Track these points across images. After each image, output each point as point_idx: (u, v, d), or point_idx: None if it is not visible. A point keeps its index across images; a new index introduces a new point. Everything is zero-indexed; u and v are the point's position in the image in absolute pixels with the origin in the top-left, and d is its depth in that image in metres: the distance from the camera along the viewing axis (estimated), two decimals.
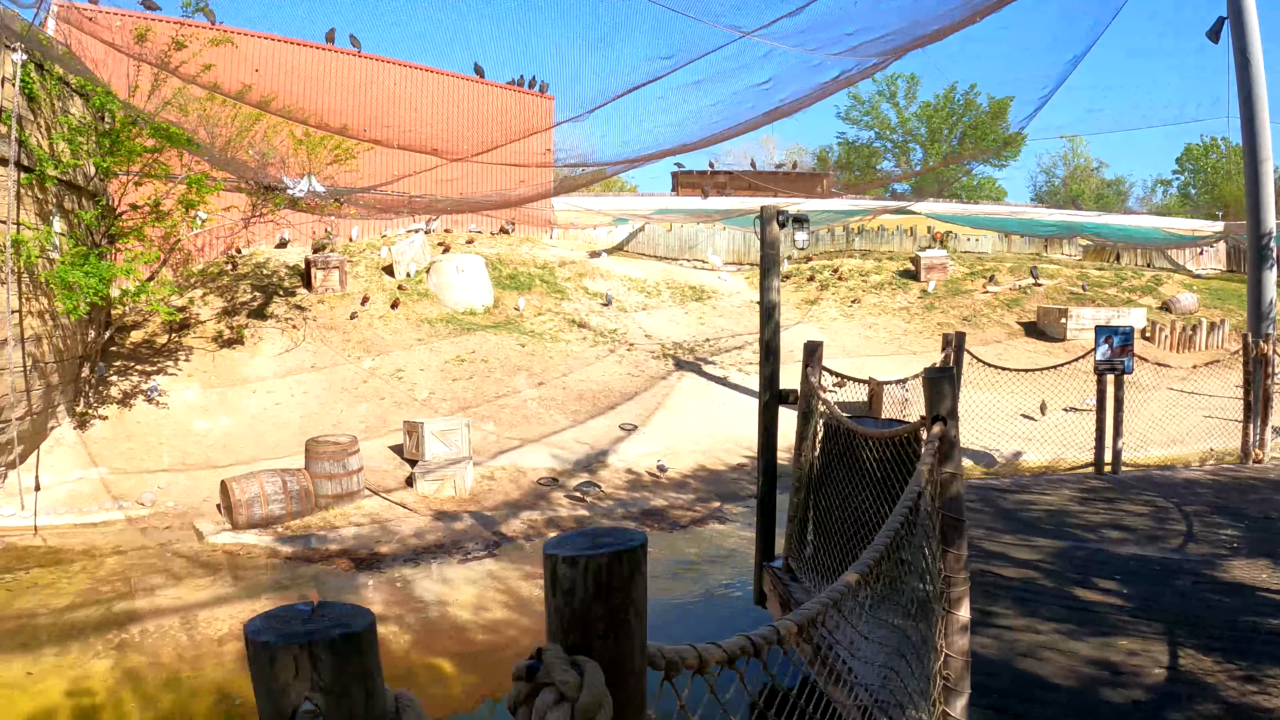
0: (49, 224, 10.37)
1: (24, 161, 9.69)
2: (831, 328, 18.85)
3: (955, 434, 2.79)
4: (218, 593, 8.48)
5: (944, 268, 21.29)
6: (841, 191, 25.25)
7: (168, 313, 11.00)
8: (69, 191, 10.77)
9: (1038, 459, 12.87)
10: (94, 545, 9.55)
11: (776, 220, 6.89)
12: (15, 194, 9.66)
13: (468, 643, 7.59)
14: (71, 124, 10.20)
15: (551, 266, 19.72)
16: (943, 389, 2.98)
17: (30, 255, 9.66)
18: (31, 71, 9.77)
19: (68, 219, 10.65)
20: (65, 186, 10.68)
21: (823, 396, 5.31)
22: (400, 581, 8.84)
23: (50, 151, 10.16)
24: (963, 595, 2.61)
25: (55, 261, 10.21)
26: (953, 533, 2.63)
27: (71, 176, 10.69)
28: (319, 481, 10.46)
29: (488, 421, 13.50)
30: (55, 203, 10.56)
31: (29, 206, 9.94)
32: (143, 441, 11.59)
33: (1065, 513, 7.41)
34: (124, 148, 10.37)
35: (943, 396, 2.95)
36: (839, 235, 23.48)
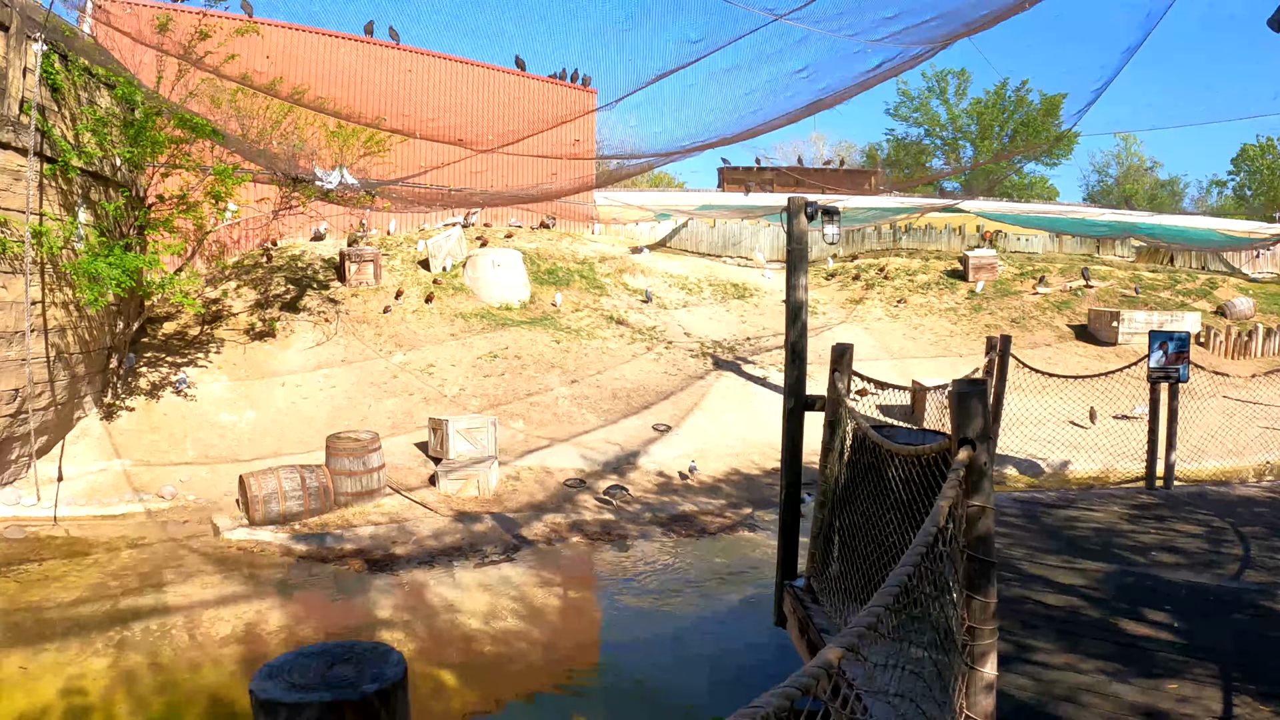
0: (74, 215, 10.28)
1: (47, 152, 9.59)
2: (876, 328, 18.08)
3: (987, 460, 2.28)
4: (226, 591, 8.23)
5: (993, 268, 20.48)
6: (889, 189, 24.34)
7: (192, 304, 10.84)
8: (96, 183, 10.68)
9: (1086, 469, 12.11)
10: (111, 538, 9.41)
11: (805, 212, 6.34)
12: (39, 184, 9.58)
13: (474, 654, 7.18)
14: (96, 115, 10.07)
15: (591, 262, 19.31)
16: (971, 407, 2.54)
17: (53, 246, 9.56)
18: (55, 62, 9.67)
19: (94, 210, 10.54)
20: (91, 178, 10.58)
21: (849, 404, 4.75)
22: (412, 585, 8.49)
23: (75, 142, 10.06)
24: (989, 650, 2.07)
25: (80, 253, 10.12)
26: (980, 578, 2.10)
27: (98, 168, 10.58)
28: (339, 478, 10.19)
29: (517, 419, 13.13)
30: (81, 194, 10.46)
31: (52, 197, 9.85)
32: (167, 434, 11.48)
33: (1114, 531, 6.80)
34: (147, 138, 10.22)
35: (971, 416, 2.51)
36: (885, 233, 22.64)
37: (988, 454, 2.38)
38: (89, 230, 10.52)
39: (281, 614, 7.78)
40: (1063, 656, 4.07)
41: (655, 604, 8.35)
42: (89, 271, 9.79)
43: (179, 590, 8.21)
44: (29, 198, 9.04)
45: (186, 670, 6.89)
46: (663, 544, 9.85)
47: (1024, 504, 7.80)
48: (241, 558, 9.03)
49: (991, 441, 2.61)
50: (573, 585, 8.78)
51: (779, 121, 11.16)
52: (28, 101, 9.26)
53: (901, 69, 10.66)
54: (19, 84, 9.13)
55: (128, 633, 7.38)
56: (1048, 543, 6.34)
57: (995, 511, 7.44)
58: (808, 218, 6.42)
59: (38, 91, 9.25)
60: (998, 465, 12.14)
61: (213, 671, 6.89)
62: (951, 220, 22.89)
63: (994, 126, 39.36)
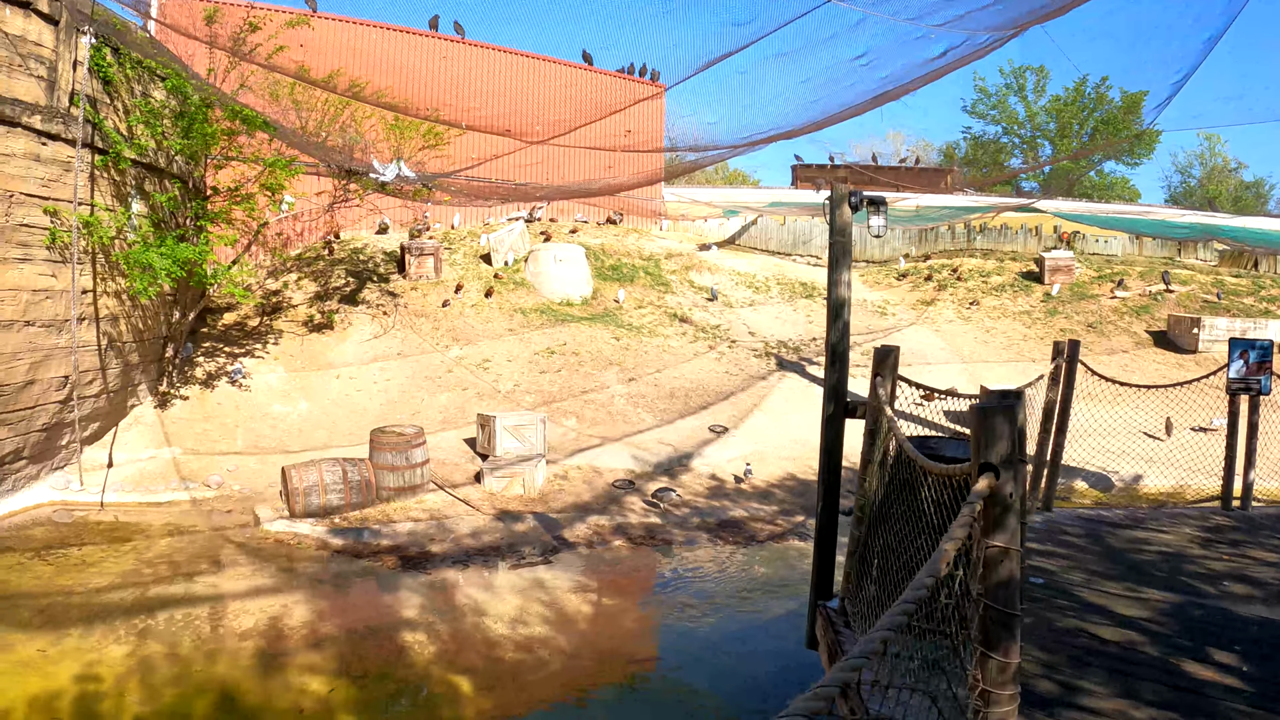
0: (126, 206, 10.33)
1: (98, 144, 9.65)
2: (947, 331, 17.02)
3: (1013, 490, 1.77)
4: (256, 583, 8.02)
5: (1069, 270, 19.26)
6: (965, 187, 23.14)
7: (244, 296, 10.79)
8: (150, 174, 10.74)
9: (1160, 484, 11.09)
10: (152, 525, 9.37)
11: (849, 203, 5.70)
12: (90, 175, 9.64)
13: (495, 660, 6.73)
14: (148, 107, 10.10)
15: (657, 259, 18.80)
16: (996, 426, 2.18)
17: (104, 236, 9.60)
18: (107, 55, 9.73)
19: (148, 201, 10.59)
20: (146, 169, 10.65)
21: (888, 412, 4.15)
22: (443, 585, 8.12)
23: (128, 134, 10.12)
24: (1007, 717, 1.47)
25: (132, 243, 10.16)
26: (999, 632, 1.54)
27: (152, 159, 10.65)
28: (381, 473, 9.94)
29: (570, 417, 12.71)
30: (135, 185, 10.53)
31: (104, 188, 9.91)
32: (219, 423, 11.47)
33: (1183, 556, 6.07)
34: (199, 130, 10.19)
35: (996, 437, 2.17)
36: (959, 233, 21.49)
37: (1015, 483, 1.85)
38: (142, 221, 10.58)
39: (306, 609, 7.51)
40: (1116, 701, 3.45)
41: (690, 616, 7.76)
42: (141, 261, 9.80)
43: (209, 580, 8.04)
44: (75, 188, 9.07)
45: (202, 662, 6.66)
46: (708, 551, 9.24)
47: (1088, 523, 7.13)
48: (277, 550, 8.83)
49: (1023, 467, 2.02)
50: (607, 592, 8.26)
51: (843, 114, 10.47)
52: (78, 94, 9.33)
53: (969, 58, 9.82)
54: (69, 77, 9.18)
55: (151, 621, 7.21)
56: (1110, 567, 5.72)
57: (1058, 531, 6.51)
58: (852, 209, 5.80)
59: (87, 83, 9.30)
60: (1065, 478, 11.12)
61: (228, 665, 6.65)
62: (1028, 220, 21.63)
63: (1073, 125, 37.86)
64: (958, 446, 4.51)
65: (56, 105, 9.13)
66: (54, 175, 9.18)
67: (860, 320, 17.58)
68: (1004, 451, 2.26)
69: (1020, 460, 2.31)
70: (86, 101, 9.50)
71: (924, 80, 9.57)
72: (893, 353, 5.10)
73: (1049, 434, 7.98)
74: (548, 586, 8.13)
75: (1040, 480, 7.94)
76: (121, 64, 10.13)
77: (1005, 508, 2.07)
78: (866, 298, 18.84)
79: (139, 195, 10.55)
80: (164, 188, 10.90)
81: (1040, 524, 6.92)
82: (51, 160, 9.12)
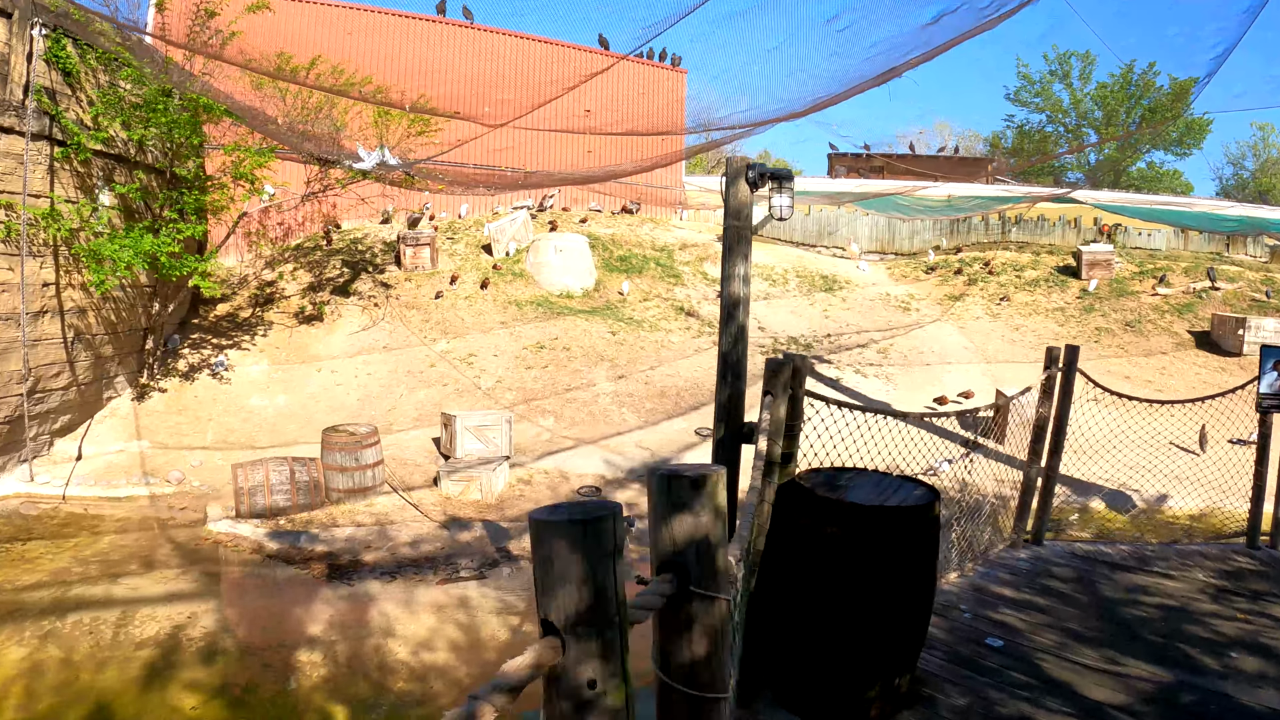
0: (93, 198, 10.29)
1: (57, 136, 9.60)
2: (972, 328, 15.95)
3: (603, 675, 1.25)
4: (176, 588, 7.88)
5: (1108, 264, 17.93)
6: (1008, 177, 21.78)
7: (209, 288, 10.68)
8: (121, 165, 10.68)
9: (1186, 506, 10.04)
10: (104, 521, 9.36)
11: (745, 178, 5.01)
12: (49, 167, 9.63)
13: (383, 689, 6.40)
14: (109, 97, 10.01)
15: (670, 249, 18.20)
16: (561, 565, 1.65)
17: (64, 229, 9.57)
18: (68, 47, 9.66)
19: (120, 193, 10.54)
20: (115, 160, 10.60)
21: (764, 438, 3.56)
22: (362, 598, 7.82)
23: (94, 125, 10.06)
24: None
25: (101, 235, 10.12)
26: None
27: (123, 150, 10.58)
28: (330, 474, 9.73)
29: (548, 416, 12.31)
30: (103, 176, 10.49)
31: (66, 180, 9.89)
32: (193, 416, 11.46)
33: (1187, 613, 5.10)
34: (157, 120, 10.06)
35: (558, 581, 1.64)
36: (994, 225, 20.19)
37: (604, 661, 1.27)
38: (110, 213, 10.54)
39: (213, 619, 7.32)
40: None
41: None
42: (99, 254, 9.75)
43: (133, 583, 7.93)
44: (25, 181, 9.02)
45: (91, 671, 6.53)
46: None
47: (1082, 563, 6.17)
48: (212, 552, 8.70)
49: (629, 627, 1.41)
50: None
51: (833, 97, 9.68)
52: (35, 86, 9.27)
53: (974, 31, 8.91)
54: (22, 69, 9.13)
55: (60, 624, 7.13)
56: (1094, 625, 4.82)
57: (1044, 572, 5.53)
58: (750, 186, 5.06)
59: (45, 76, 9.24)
60: (1081, 496, 10.19)
61: (115, 675, 6.50)
62: (1067, 212, 20.19)
63: (1119, 112, 35.87)
64: (878, 484, 3.89)
65: (9, 98, 9.09)
66: (8, 168, 9.16)
67: (881, 315, 16.68)
68: (574, 607, 1.69)
69: (618, 625, 1.71)
70: (45, 94, 9.47)
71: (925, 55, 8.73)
72: (787, 366, 4.27)
73: (1039, 456, 6.85)
74: (471, 606, 7.76)
75: (1029, 509, 7.09)
76: (84, 55, 10.06)
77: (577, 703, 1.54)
78: (890, 292, 17.88)
79: (107, 187, 10.51)
80: (136, 179, 10.84)
81: (1025, 563, 6.07)
82: (5, 154, 9.10)
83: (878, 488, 3.91)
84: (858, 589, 3.48)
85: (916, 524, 3.51)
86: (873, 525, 3.46)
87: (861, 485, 3.92)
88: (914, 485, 3.94)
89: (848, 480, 3.99)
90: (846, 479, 4.02)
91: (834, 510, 3.57)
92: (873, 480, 4.04)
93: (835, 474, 4.19)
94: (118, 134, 10.43)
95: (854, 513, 3.54)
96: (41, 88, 9.39)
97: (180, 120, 10.43)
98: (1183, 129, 35.46)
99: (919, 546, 3.54)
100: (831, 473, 4.21)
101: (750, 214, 5.22)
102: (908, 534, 3.51)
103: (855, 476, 4.09)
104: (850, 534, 3.50)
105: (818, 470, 4.37)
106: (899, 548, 3.47)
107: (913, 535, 3.52)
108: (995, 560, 6.11)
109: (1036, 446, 6.81)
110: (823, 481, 3.97)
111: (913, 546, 3.51)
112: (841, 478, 4.07)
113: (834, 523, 3.61)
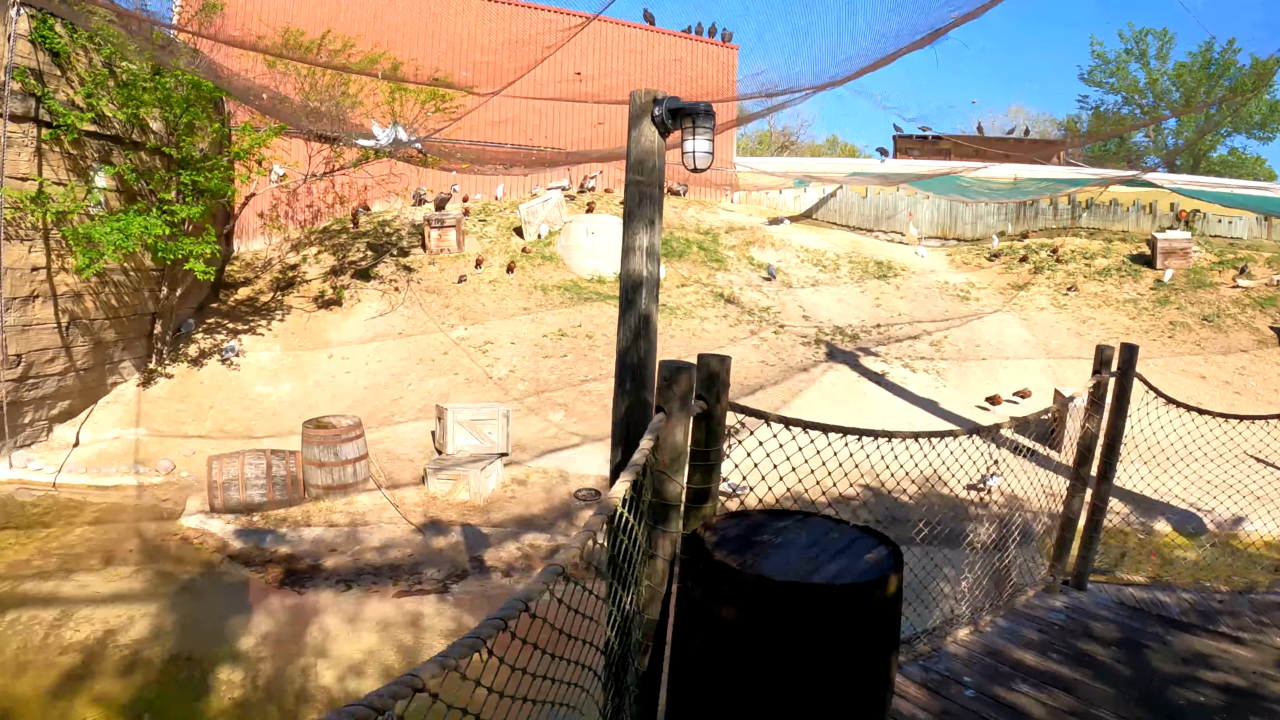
0: (88, 180, 10.07)
1: (45, 117, 9.38)
2: (1036, 320, 14.35)
3: None
4: (123, 588, 7.51)
5: (1185, 253, 16.15)
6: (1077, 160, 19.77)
7: (203, 272, 10.35)
8: (118, 146, 10.44)
9: (1268, 531, 8.55)
10: (84, 511, 9.15)
11: (651, 116, 4.06)
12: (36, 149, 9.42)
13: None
14: (94, 77, 9.72)
15: (716, 233, 17.15)
16: None
17: (50, 211, 9.36)
18: (56, 26, 9.40)
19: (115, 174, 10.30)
20: (112, 141, 10.36)
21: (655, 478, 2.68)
22: (307, 610, 7.27)
23: (86, 106, 9.82)
24: None
25: (97, 218, 9.90)
26: None
27: (120, 131, 10.33)
28: (309, 469, 9.26)
29: (558, 409, 11.57)
30: (100, 157, 10.25)
31: (56, 163, 9.67)
32: (194, 404, 11.22)
33: (1258, 700, 3.86)
34: (137, 98, 9.72)
35: None
36: (1063, 209, 18.33)
37: None
38: (109, 195, 10.32)
39: (148, 624, 6.90)
40: None
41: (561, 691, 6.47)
42: (88, 237, 9.51)
43: (84, 580, 7.61)
44: (1, 163, 8.79)
45: (9, 675, 6.20)
46: None
47: (1132, 616, 4.93)
48: (175, 550, 8.33)
49: None
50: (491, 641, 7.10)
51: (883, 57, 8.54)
52: (20, 68, 9.05)
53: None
54: (2, 50, 8.89)
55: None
56: (1133, 713, 3.65)
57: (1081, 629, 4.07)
58: (658, 126, 4.04)
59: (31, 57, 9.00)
60: (1144, 515, 8.81)
61: (30, 682, 6.15)
62: (1142, 196, 18.16)
63: (1199, 93, 33.36)
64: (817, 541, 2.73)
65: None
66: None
67: (937, 305, 15.24)
68: None
69: None
70: (30, 75, 9.24)
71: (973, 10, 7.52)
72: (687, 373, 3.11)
73: (1083, 482, 5.53)
74: (422, 626, 7.10)
75: (1069, 546, 5.53)
76: (74, 36, 9.80)
77: None
78: (949, 279, 16.37)
79: (104, 168, 10.28)
80: (134, 161, 10.60)
81: (1060, 615, 4.88)
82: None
83: (812, 549, 2.71)
84: (765, 698, 2.43)
85: (856, 610, 2.37)
86: (787, 610, 2.33)
87: (791, 543, 2.72)
88: (869, 544, 2.72)
89: (775, 534, 2.81)
90: (774, 532, 2.84)
91: (732, 584, 2.43)
92: (812, 534, 2.83)
93: (762, 523, 2.93)
94: (115, 115, 10.18)
95: (760, 591, 2.37)
96: (26, 69, 9.16)
97: (174, 99, 10.08)
98: (1266, 111, 33.07)
99: (860, 641, 2.39)
100: (758, 520, 2.94)
101: (659, 165, 4.22)
102: (843, 624, 2.35)
103: (792, 528, 2.88)
104: (754, 621, 2.38)
105: (740, 515, 2.99)
106: (828, 643, 2.35)
107: (851, 625, 2.36)
108: (1022, 611, 4.93)
109: (1081, 469, 5.50)
110: (737, 536, 2.77)
111: (850, 641, 2.37)
112: (768, 529, 2.87)
113: (732, 601, 2.42)
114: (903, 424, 11.67)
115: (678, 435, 2.97)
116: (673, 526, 2.95)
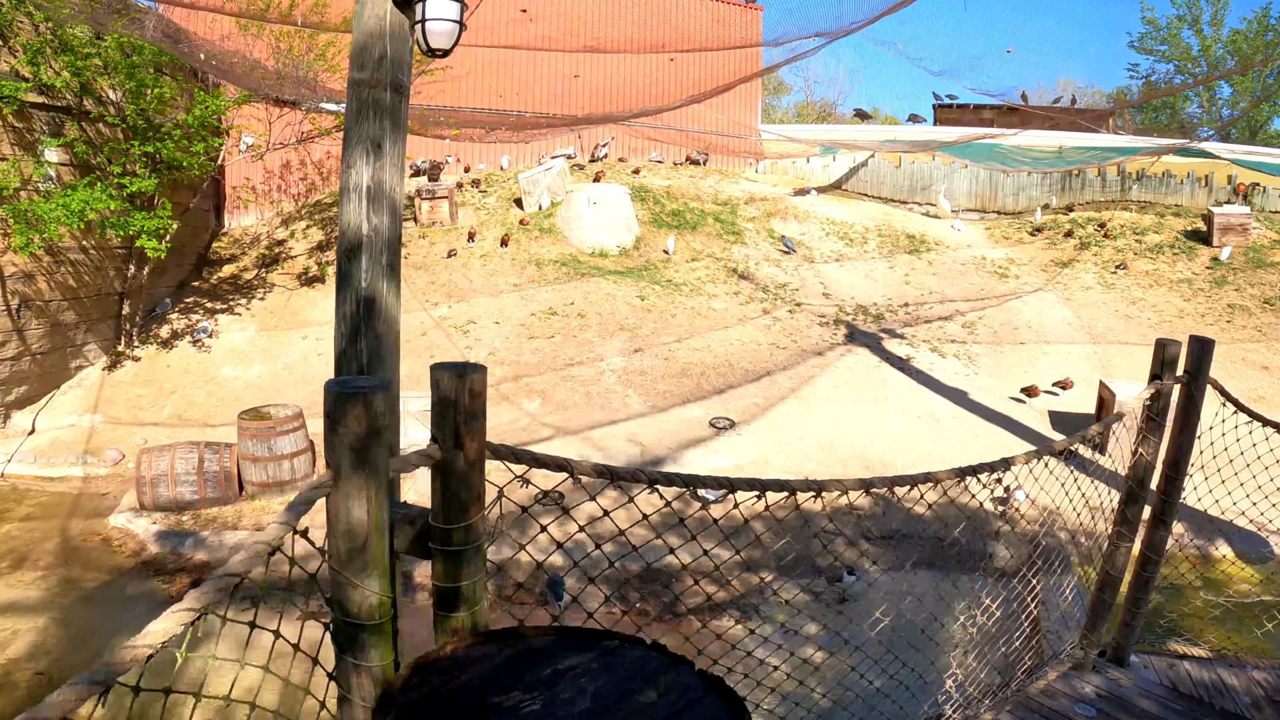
0: (37, 154, 9.54)
1: None
2: (1080, 300, 12.74)
3: None
4: (18, 597, 7.03)
5: (1244, 230, 14.38)
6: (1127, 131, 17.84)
7: (154, 249, 9.76)
8: (70, 118, 9.88)
9: None
10: (18, 506, 8.75)
11: None
12: None
13: None
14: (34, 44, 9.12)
15: (735, 204, 15.91)
16: None
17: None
18: None
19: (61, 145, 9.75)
20: (63, 112, 9.80)
21: None
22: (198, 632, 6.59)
23: (32, 76, 9.25)
24: None
25: (49, 194, 9.38)
26: None
27: (74, 103, 9.77)
28: (245, 464, 8.62)
29: (534, 398, 10.70)
30: (50, 130, 9.71)
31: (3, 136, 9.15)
32: (157, 388, 10.74)
33: None
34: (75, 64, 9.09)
35: None
36: (1112, 180, 16.40)
37: None
38: (61, 169, 9.79)
39: (28, 642, 6.39)
40: None
41: None
42: (33, 214, 8.98)
43: None
44: None
45: None
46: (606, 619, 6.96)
47: (1188, 708, 3.69)
48: (91, 554, 7.80)
49: None
50: None
51: None
52: None
53: None
54: None
55: None
56: None
57: None
58: None
59: None
60: (1203, 538, 7.49)
61: None
62: (1197, 167, 16.18)
63: (1255, 60, 30.81)
64: (612, 686, 1.60)
65: None
66: None
67: (973, 282, 13.75)
68: None
69: None
70: None
71: None
72: (358, 400, 2.04)
73: (1133, 526, 3.96)
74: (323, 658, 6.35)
75: (1108, 610, 4.10)
76: (19, 4, 9.21)
77: None
78: (987, 255, 14.80)
79: (49, 141, 9.74)
80: (89, 133, 10.04)
81: (1089, 710, 3.66)
82: None
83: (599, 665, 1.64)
84: None
85: None
86: None
87: (562, 713, 1.55)
88: (641, 651, 1.68)
89: (538, 690, 1.63)
90: (540, 684, 1.65)
91: None
92: (610, 687, 1.65)
93: (532, 658, 1.76)
94: (63, 85, 9.60)
95: None
96: None
97: (119, 65, 9.43)
98: None
99: None
100: (529, 650, 1.79)
101: (390, 54, 3.20)
102: None
103: (581, 673, 1.70)
104: None
105: (504, 639, 1.85)
106: None
107: None
108: (1037, 701, 3.71)
109: (1127, 511, 3.96)
110: (463, 691, 1.64)
111: None
112: (532, 675, 1.69)
113: None
114: (925, 416, 10.43)
115: (354, 510, 1.93)
116: (372, 658, 1.90)
